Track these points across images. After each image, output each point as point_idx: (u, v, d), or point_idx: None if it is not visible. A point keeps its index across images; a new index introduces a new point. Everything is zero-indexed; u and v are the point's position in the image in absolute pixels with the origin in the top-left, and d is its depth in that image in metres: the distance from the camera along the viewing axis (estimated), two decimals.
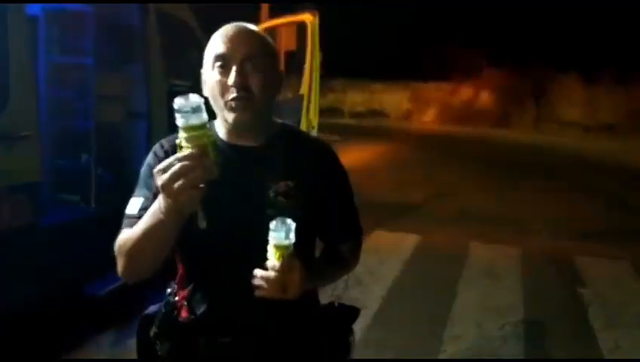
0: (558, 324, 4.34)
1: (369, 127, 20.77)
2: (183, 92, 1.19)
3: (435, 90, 24.47)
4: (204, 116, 1.18)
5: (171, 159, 1.17)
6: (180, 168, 1.15)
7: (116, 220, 1.47)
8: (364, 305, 4.08)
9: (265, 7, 11.38)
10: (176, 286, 1.53)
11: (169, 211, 1.21)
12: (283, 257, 1.29)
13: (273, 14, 10.33)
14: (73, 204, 4.05)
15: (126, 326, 3.75)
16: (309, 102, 4.77)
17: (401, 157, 13.43)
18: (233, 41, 1.39)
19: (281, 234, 1.29)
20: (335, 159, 1.56)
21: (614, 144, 16.87)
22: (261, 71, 1.39)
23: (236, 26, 1.43)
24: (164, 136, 1.52)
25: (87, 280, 3.75)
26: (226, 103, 1.39)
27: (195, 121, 1.16)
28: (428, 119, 24.13)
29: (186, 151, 1.17)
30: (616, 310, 4.64)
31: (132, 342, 1.57)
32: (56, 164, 4.11)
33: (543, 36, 22.34)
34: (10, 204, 3.12)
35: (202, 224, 1.24)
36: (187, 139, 1.17)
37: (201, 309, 1.46)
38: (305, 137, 1.63)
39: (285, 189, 1.42)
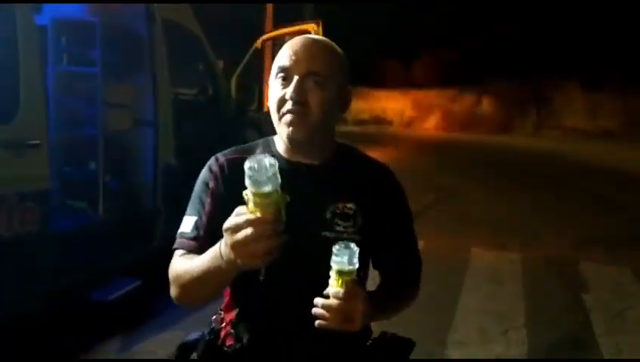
0: (560, 330, 4.36)
1: (371, 134, 20.79)
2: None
3: (437, 97, 24.53)
4: (278, 180, 1.11)
5: (242, 220, 1.11)
6: (254, 234, 1.10)
7: (123, 227, 1.46)
8: None
9: (269, 11, 11.45)
10: (222, 312, 1.45)
11: (233, 264, 1.16)
12: (346, 284, 1.21)
13: (277, 23, 10.41)
14: (81, 210, 4.10)
15: (133, 332, 3.79)
16: None
17: (403, 164, 13.45)
18: (298, 54, 1.34)
19: (344, 259, 1.20)
20: (396, 184, 1.50)
21: (615, 150, 16.86)
22: (322, 88, 1.33)
23: (306, 38, 1.39)
24: (171, 144, 1.51)
25: (95, 287, 3.80)
26: (280, 117, 1.34)
27: (267, 188, 1.10)
28: (430, 126, 24.17)
29: (258, 214, 1.10)
30: (617, 315, 4.66)
31: (139, 348, 1.54)
32: (65, 172, 4.16)
33: (544, 43, 22.38)
34: (19, 211, 3.16)
35: (261, 276, 1.21)
36: (259, 204, 1.10)
37: (247, 337, 1.38)
38: (366, 159, 1.52)
39: (343, 211, 1.37)
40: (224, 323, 1.42)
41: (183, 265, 1.33)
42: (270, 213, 1.11)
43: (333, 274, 1.22)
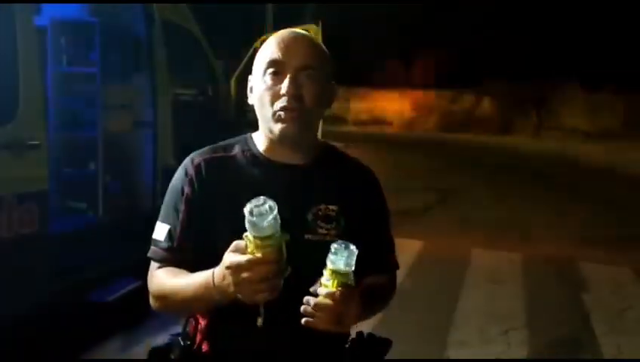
0: (561, 330, 4.36)
1: (372, 135, 20.79)
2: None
3: (437, 98, 24.54)
4: (278, 223, 1.11)
5: (244, 260, 1.11)
6: (257, 275, 1.11)
7: (123, 228, 1.46)
8: None
9: (269, 12, 11.45)
10: (193, 319, 1.39)
11: (228, 297, 1.17)
12: (341, 285, 1.16)
13: (277, 24, 10.41)
14: (80, 211, 4.10)
15: (132, 333, 3.79)
16: None
17: (403, 165, 13.45)
18: (290, 47, 1.30)
19: (341, 259, 1.16)
20: (377, 186, 1.47)
21: (614, 150, 16.86)
22: (316, 83, 1.31)
23: (293, 32, 1.35)
24: (170, 145, 1.50)
25: (94, 287, 3.80)
26: (274, 113, 1.30)
27: (268, 232, 1.10)
28: (430, 127, 24.15)
29: (258, 255, 1.11)
30: (618, 315, 4.67)
31: (138, 348, 1.52)
32: (64, 173, 4.16)
33: (543, 44, 22.40)
34: (18, 212, 3.17)
35: (259, 321, 1.19)
36: (260, 246, 1.10)
37: (224, 342, 1.34)
38: (348, 160, 1.48)
39: (326, 213, 1.33)
40: (199, 329, 1.37)
41: (167, 283, 1.32)
42: (271, 254, 1.11)
43: (327, 273, 1.18)
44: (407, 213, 8.03)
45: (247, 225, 1.10)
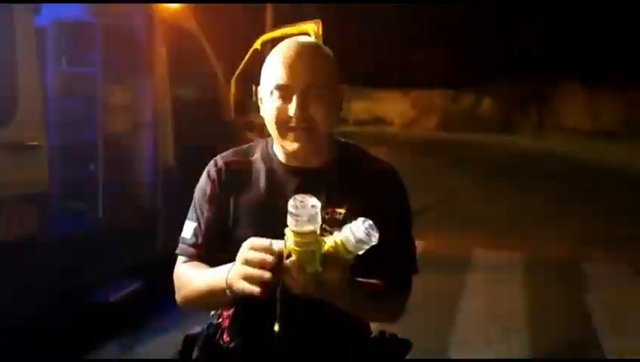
0: (562, 330, 4.35)
1: (372, 134, 20.78)
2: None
3: (438, 98, 24.53)
4: (318, 222, 1.13)
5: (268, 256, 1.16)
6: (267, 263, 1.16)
7: (123, 228, 1.49)
8: None
9: (269, 11, 11.44)
10: (220, 309, 1.46)
11: (239, 293, 1.21)
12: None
13: (276, 24, 10.40)
14: (80, 213, 4.09)
15: (134, 333, 3.79)
16: None
17: (404, 164, 13.42)
18: (294, 68, 1.30)
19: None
20: (396, 186, 1.44)
21: (615, 150, 16.85)
22: (323, 98, 1.31)
23: (296, 46, 1.33)
24: (170, 146, 1.52)
25: (95, 288, 3.79)
26: (286, 134, 1.32)
27: (308, 227, 1.12)
28: (430, 126, 24.14)
29: (292, 257, 1.14)
30: (619, 316, 4.65)
31: (140, 349, 1.56)
32: (64, 174, 4.15)
33: (543, 42, 22.38)
34: (18, 214, 3.16)
35: (277, 327, 1.23)
36: (297, 243, 1.13)
37: (242, 334, 1.40)
38: (367, 159, 1.46)
39: (332, 216, 1.32)
40: (222, 319, 1.45)
41: (186, 276, 1.40)
42: (305, 260, 1.14)
43: (335, 240, 1.16)
44: None
45: (288, 220, 1.13)
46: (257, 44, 5.34)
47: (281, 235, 1.17)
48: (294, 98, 1.29)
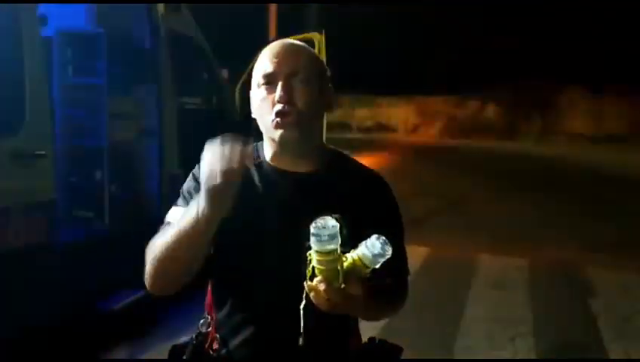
0: (568, 335, 4.35)
1: (376, 141, 20.81)
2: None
3: (441, 104, 24.55)
4: (339, 241, 1.18)
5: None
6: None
7: (129, 236, 1.48)
8: None
9: (272, 19, 11.48)
10: (208, 317, 1.46)
11: (211, 220, 1.22)
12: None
13: (280, 31, 10.45)
14: (87, 220, 4.12)
15: (139, 341, 3.80)
16: None
17: (409, 170, 13.45)
18: (279, 57, 1.36)
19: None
20: (386, 193, 1.47)
21: (620, 155, 16.82)
22: (307, 86, 1.35)
23: (283, 42, 1.41)
24: (175, 154, 1.52)
25: (101, 296, 3.81)
26: (272, 121, 1.34)
27: (330, 246, 1.17)
28: (434, 132, 24.17)
29: (319, 278, 1.19)
30: (625, 320, 4.64)
31: (144, 357, 1.55)
32: (71, 182, 4.18)
33: (548, 48, 22.38)
34: (26, 222, 3.19)
35: (301, 341, 1.25)
36: (321, 262, 1.18)
37: (233, 342, 1.39)
38: (356, 167, 1.48)
39: None
40: (210, 327, 1.44)
41: (157, 240, 1.38)
42: (330, 277, 1.18)
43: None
44: (413, 219, 8.03)
45: (311, 240, 1.17)
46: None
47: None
48: (279, 84, 1.34)
